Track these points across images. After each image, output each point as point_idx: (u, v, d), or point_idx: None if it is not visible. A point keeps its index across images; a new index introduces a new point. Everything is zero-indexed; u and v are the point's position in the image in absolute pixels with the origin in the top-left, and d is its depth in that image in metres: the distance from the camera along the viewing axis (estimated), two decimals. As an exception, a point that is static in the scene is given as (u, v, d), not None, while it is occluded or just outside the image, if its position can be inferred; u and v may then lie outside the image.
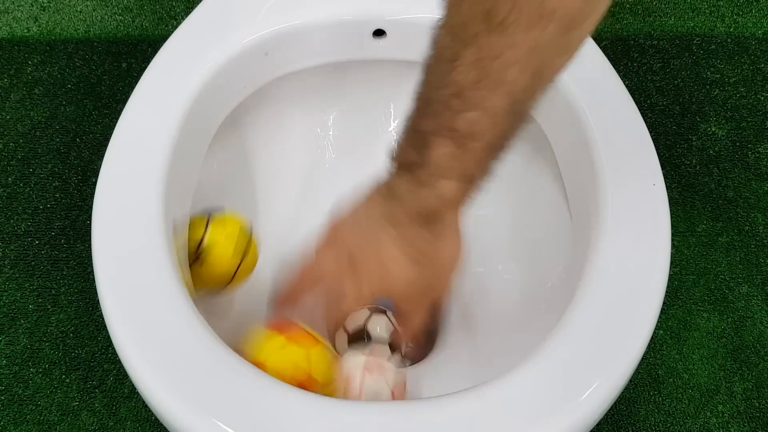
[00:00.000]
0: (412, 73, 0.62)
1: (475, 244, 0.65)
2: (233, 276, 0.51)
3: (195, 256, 0.50)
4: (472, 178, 0.36)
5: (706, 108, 0.98)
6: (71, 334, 0.76)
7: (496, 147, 0.34)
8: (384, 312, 0.62)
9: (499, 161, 0.36)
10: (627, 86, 0.53)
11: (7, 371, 0.73)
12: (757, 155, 0.93)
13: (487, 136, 0.33)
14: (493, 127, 0.33)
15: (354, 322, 0.63)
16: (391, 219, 0.39)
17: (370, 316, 0.63)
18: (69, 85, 0.99)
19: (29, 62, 1.01)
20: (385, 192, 0.39)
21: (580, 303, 0.41)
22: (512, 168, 0.62)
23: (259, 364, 0.40)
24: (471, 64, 0.31)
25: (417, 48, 0.59)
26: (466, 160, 0.34)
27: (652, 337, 0.40)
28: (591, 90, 0.51)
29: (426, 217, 0.38)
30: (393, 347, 0.62)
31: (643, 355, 0.40)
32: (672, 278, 0.81)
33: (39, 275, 0.80)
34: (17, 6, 1.02)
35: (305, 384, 0.41)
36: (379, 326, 0.62)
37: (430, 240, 0.39)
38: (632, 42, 1.05)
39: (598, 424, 0.38)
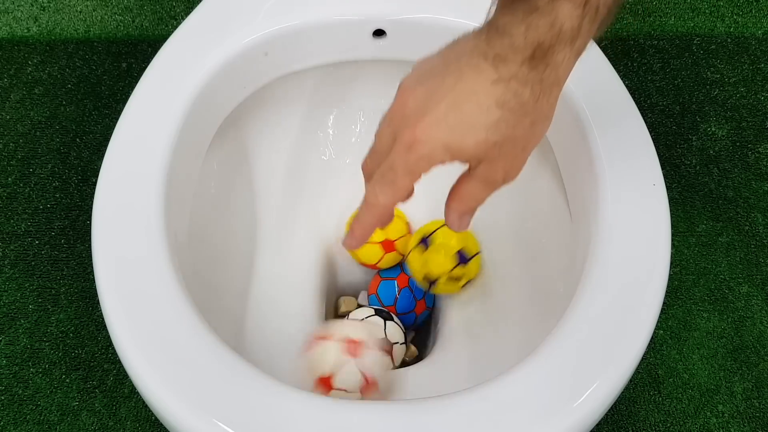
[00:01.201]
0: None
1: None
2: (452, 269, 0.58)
3: (420, 241, 0.60)
4: (595, 3, 0.30)
5: (706, 108, 0.98)
6: (71, 334, 0.76)
7: None
8: (389, 318, 0.62)
9: None
10: (627, 86, 0.53)
11: (7, 371, 0.73)
12: (757, 155, 0.93)
13: None
14: None
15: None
16: (490, 56, 0.32)
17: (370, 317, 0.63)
18: (69, 85, 0.99)
19: (29, 62, 1.01)
20: (486, 28, 0.32)
21: (580, 303, 0.41)
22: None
23: None
24: None
25: (417, 48, 0.59)
26: None
27: (652, 337, 0.40)
28: (591, 90, 0.51)
29: (535, 54, 0.31)
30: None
31: (643, 355, 0.40)
32: (672, 278, 0.81)
33: (39, 275, 0.80)
34: (17, 6, 1.02)
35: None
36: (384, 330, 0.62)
37: (534, 86, 0.32)
38: (632, 42, 1.05)
39: (598, 424, 0.38)
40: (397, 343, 0.62)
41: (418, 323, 0.68)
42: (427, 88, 0.34)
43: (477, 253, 0.60)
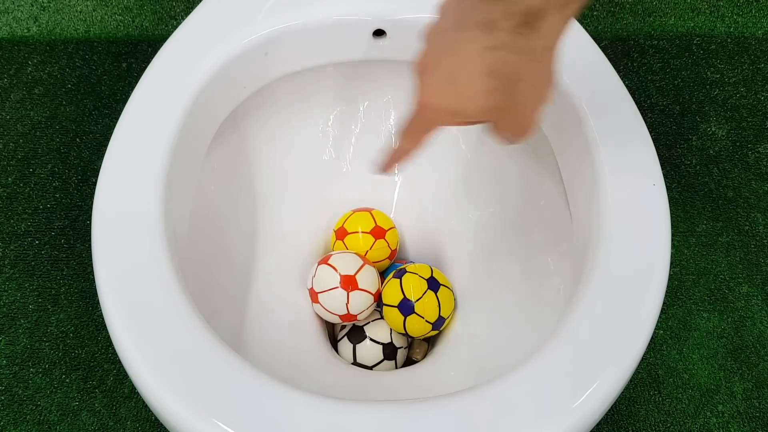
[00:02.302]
0: (412, 73, 0.62)
1: (475, 244, 0.65)
2: None
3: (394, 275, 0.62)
4: None
5: (706, 108, 0.98)
6: (71, 334, 0.76)
7: None
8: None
9: None
10: (627, 86, 0.53)
11: (7, 371, 0.73)
12: (757, 155, 0.93)
13: None
14: None
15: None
16: (483, 22, 0.33)
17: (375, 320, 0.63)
18: (69, 85, 0.99)
19: (29, 62, 1.01)
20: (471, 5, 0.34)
21: (580, 303, 0.41)
22: (512, 168, 0.63)
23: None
24: None
25: (417, 48, 0.59)
26: None
27: (652, 337, 0.40)
28: (591, 90, 0.51)
29: (526, 18, 0.32)
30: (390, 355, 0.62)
31: (643, 355, 0.40)
32: (672, 278, 0.81)
33: (39, 275, 0.80)
34: (17, 6, 1.02)
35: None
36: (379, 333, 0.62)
37: (524, 53, 0.33)
38: (632, 42, 1.05)
39: (598, 424, 0.38)
40: (402, 347, 0.62)
41: None
42: (434, 49, 0.36)
43: (451, 312, 0.61)
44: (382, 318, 0.63)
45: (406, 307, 0.58)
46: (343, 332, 0.63)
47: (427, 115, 0.37)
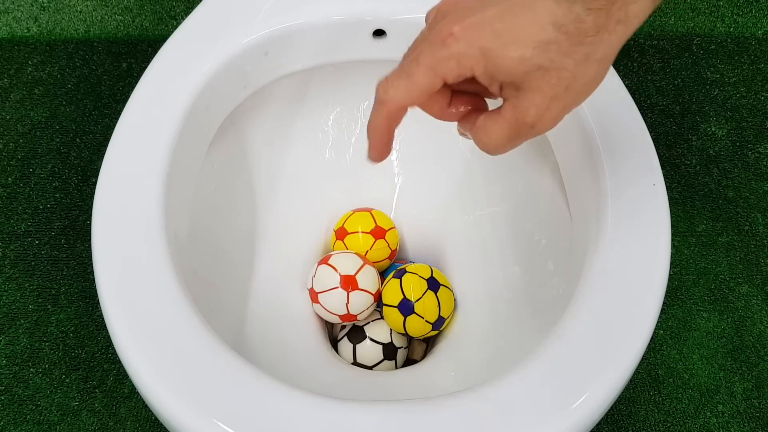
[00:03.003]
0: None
1: (475, 245, 0.65)
2: None
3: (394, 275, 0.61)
4: None
5: (706, 108, 0.98)
6: (71, 334, 0.76)
7: None
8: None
9: None
10: (627, 86, 0.53)
11: (7, 371, 0.73)
12: (757, 155, 0.93)
13: None
14: None
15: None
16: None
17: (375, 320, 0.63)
18: (69, 85, 0.99)
19: (29, 62, 1.01)
20: None
21: (580, 303, 0.41)
22: (512, 168, 0.63)
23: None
24: None
25: None
26: None
27: (652, 337, 0.40)
28: (591, 90, 0.51)
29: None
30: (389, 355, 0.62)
31: (643, 355, 0.39)
32: (672, 278, 0.81)
33: (39, 275, 0.80)
34: (17, 6, 1.02)
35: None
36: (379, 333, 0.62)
37: (599, 16, 0.28)
38: (632, 42, 1.05)
39: (598, 424, 0.38)
40: (401, 347, 0.62)
41: None
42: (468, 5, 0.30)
43: (451, 313, 0.61)
44: (382, 318, 0.63)
45: (406, 307, 0.58)
46: (343, 332, 0.63)
47: (449, 49, 0.29)
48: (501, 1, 0.29)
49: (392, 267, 0.67)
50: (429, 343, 0.65)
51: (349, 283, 0.59)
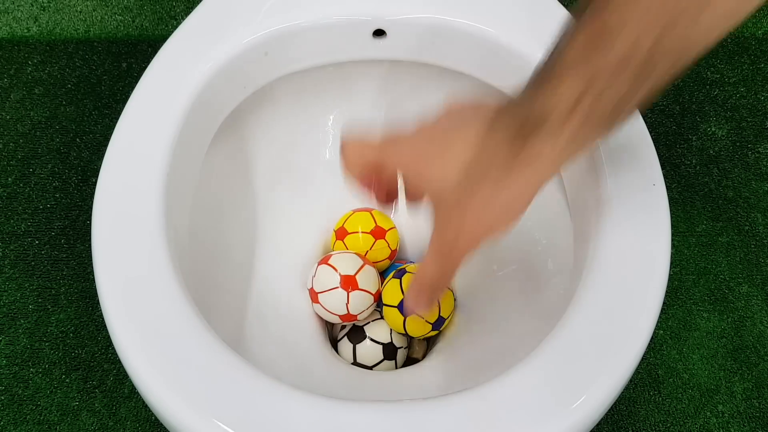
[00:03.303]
0: (412, 73, 0.63)
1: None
2: None
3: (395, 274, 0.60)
4: (597, 93, 0.30)
5: (706, 108, 0.98)
6: (71, 334, 0.76)
7: (638, 65, 0.29)
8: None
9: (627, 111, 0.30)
10: (627, 86, 0.53)
11: (7, 371, 0.73)
12: (757, 155, 0.93)
13: (622, 42, 0.28)
14: (634, 29, 0.28)
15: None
16: (486, 122, 0.33)
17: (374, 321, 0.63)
18: (69, 85, 0.99)
19: (29, 62, 1.01)
20: (503, 101, 0.34)
21: (580, 303, 0.41)
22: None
23: None
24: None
25: (417, 48, 0.59)
26: (598, 60, 0.29)
27: (652, 337, 0.40)
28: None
29: (521, 131, 0.32)
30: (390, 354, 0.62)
31: (643, 355, 0.40)
32: (672, 278, 0.81)
33: (39, 275, 0.80)
34: (17, 6, 1.02)
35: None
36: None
37: (509, 157, 0.32)
38: (632, 42, 1.05)
39: (598, 424, 0.38)
40: (401, 347, 0.62)
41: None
42: (430, 131, 0.35)
43: (451, 312, 0.60)
44: (382, 318, 0.63)
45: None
46: (343, 332, 0.63)
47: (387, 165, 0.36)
48: (440, 137, 0.34)
49: (392, 267, 0.67)
50: (429, 343, 0.65)
51: (349, 283, 0.59)
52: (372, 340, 0.61)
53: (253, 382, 0.37)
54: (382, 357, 0.61)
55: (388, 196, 0.39)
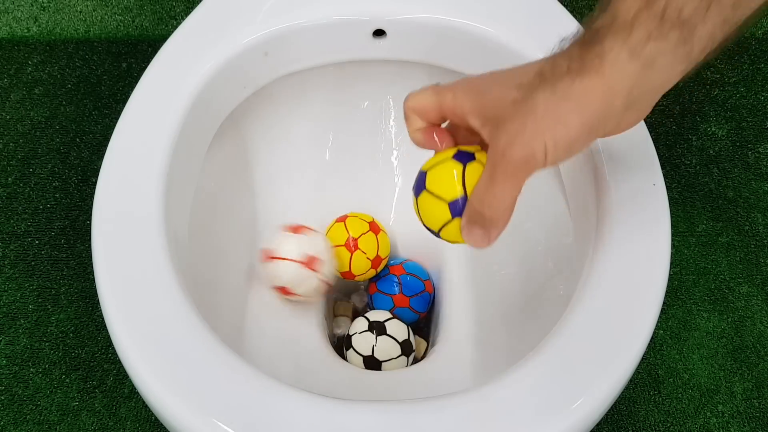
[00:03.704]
0: (412, 73, 0.63)
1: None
2: None
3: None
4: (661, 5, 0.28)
5: (706, 108, 0.98)
6: (71, 334, 0.76)
7: None
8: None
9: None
10: (627, 86, 0.53)
11: (7, 371, 0.73)
12: (757, 155, 0.93)
13: None
14: None
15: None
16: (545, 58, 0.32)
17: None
18: (69, 85, 0.99)
19: (29, 62, 1.01)
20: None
21: (580, 303, 0.41)
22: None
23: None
24: None
25: (417, 48, 0.59)
26: None
27: (652, 337, 0.40)
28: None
29: (589, 38, 0.30)
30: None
31: (643, 355, 0.39)
32: (672, 278, 0.81)
33: (39, 275, 0.80)
34: (17, 6, 1.02)
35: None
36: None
37: (568, 72, 0.30)
38: (632, 42, 1.05)
39: (598, 424, 0.38)
40: (403, 342, 0.62)
41: (431, 304, 0.67)
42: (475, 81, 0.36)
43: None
44: (394, 319, 0.62)
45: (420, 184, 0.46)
46: (360, 327, 0.62)
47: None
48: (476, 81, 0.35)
49: (384, 270, 0.67)
50: (430, 343, 0.65)
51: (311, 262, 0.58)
52: (390, 336, 0.60)
53: (253, 382, 0.37)
54: (400, 352, 0.60)
55: (453, 139, 0.39)
